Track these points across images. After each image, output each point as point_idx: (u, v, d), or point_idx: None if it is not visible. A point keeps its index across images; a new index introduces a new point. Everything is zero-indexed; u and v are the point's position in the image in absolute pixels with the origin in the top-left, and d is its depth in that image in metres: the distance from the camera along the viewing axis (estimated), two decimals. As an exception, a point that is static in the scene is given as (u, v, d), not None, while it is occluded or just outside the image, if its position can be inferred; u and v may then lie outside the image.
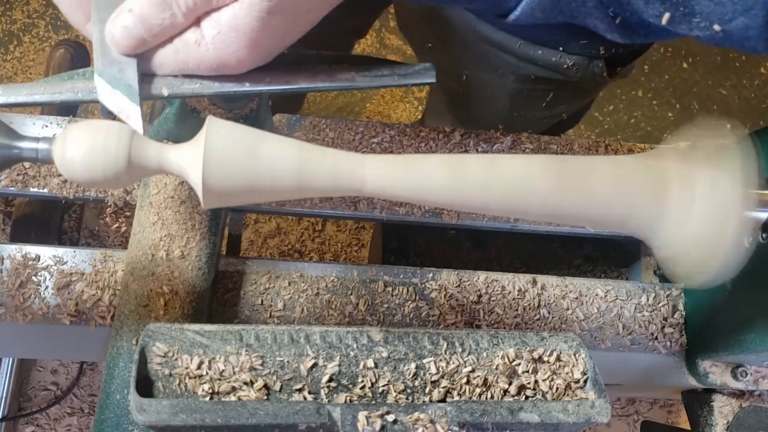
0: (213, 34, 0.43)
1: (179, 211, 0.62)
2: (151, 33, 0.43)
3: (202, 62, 0.45)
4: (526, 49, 0.79)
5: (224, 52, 0.44)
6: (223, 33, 0.43)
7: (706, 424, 0.76)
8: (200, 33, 0.44)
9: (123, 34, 0.44)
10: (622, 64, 0.83)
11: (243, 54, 0.44)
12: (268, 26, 0.43)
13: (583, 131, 1.98)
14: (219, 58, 0.44)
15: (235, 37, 0.43)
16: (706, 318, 0.72)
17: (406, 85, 0.51)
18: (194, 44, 0.44)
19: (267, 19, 0.42)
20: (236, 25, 0.43)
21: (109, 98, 0.46)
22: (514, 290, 0.72)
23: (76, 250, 0.67)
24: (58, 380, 1.38)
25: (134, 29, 0.43)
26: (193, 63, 0.45)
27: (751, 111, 2.07)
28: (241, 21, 0.42)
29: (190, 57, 0.44)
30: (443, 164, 0.44)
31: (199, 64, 0.45)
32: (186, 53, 0.44)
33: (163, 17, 0.43)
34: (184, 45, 0.44)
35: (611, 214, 0.45)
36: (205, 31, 0.43)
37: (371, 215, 0.76)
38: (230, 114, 0.58)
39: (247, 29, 0.43)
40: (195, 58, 0.44)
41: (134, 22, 0.43)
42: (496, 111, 0.93)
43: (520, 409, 0.43)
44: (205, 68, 0.45)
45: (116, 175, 0.43)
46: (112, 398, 0.56)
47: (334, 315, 0.69)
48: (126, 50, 0.45)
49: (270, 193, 0.43)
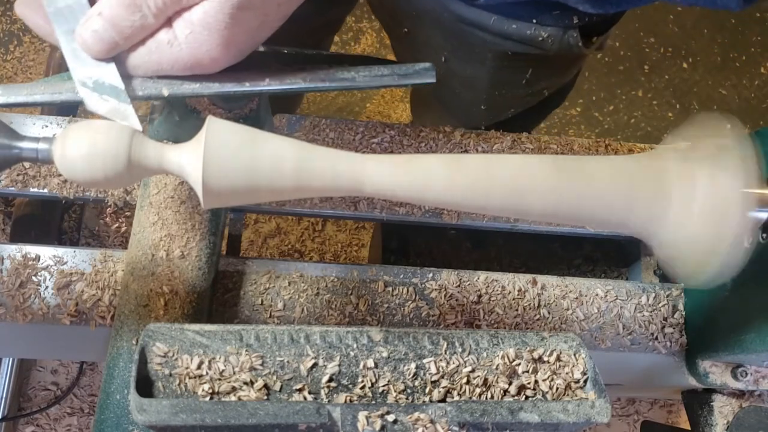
0: (185, 33, 0.43)
1: (179, 211, 0.62)
2: (122, 36, 0.43)
3: (176, 62, 0.45)
4: (500, 24, 0.79)
5: (198, 51, 0.44)
6: (196, 32, 0.43)
7: (706, 424, 0.76)
8: (172, 33, 0.44)
9: (94, 39, 0.44)
10: (597, 33, 0.83)
11: (216, 52, 0.44)
12: (240, 22, 0.43)
13: (584, 131, 1.98)
14: (193, 57, 0.44)
15: (208, 35, 0.43)
16: (706, 318, 0.72)
17: (406, 85, 0.51)
18: (167, 45, 0.44)
19: (238, 15, 0.42)
20: (208, 23, 0.42)
21: (99, 105, 0.45)
22: (514, 290, 0.72)
23: (76, 250, 0.67)
24: (58, 380, 1.38)
25: (105, 33, 0.43)
26: (167, 63, 0.45)
27: (751, 111, 2.07)
28: (212, 18, 0.42)
29: (163, 58, 0.44)
30: (443, 164, 0.44)
31: (173, 65, 0.45)
32: (159, 54, 0.44)
33: (134, 19, 0.43)
34: (157, 46, 0.44)
35: (611, 214, 0.45)
36: (177, 31, 0.43)
37: (371, 215, 0.76)
38: (230, 114, 0.58)
39: (219, 26, 0.43)
40: (169, 59, 0.44)
41: (104, 25, 0.43)
42: (478, 91, 0.93)
43: (520, 409, 0.43)
44: (179, 68, 0.45)
45: (116, 175, 0.43)
46: (112, 398, 0.56)
47: (334, 315, 0.69)
48: (99, 54, 0.45)
49: (270, 193, 0.43)
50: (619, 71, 2.05)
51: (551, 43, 0.80)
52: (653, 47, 2.09)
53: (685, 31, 2.12)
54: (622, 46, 2.08)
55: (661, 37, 2.10)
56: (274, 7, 0.44)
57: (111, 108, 0.45)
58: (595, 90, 2.02)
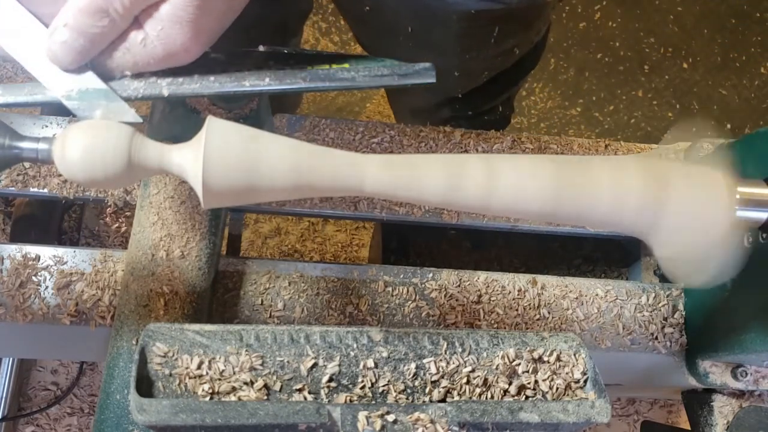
0: (156, 30, 0.43)
1: (179, 211, 0.62)
2: (91, 42, 0.43)
3: (151, 59, 0.45)
4: None
5: (171, 45, 0.44)
6: (166, 27, 0.43)
7: (706, 424, 0.76)
8: (143, 32, 0.44)
9: (64, 50, 0.44)
10: None
11: (189, 43, 0.44)
12: (207, 11, 0.43)
13: (584, 131, 1.98)
14: (166, 51, 0.44)
15: (179, 28, 0.43)
16: (706, 318, 0.72)
17: (406, 84, 0.51)
18: (140, 44, 0.44)
19: (205, 4, 0.43)
20: (178, 17, 0.43)
21: (91, 111, 0.45)
22: (514, 290, 0.72)
23: (76, 250, 0.67)
24: (58, 380, 1.38)
25: (74, 42, 0.43)
26: (142, 62, 0.45)
27: (751, 111, 2.07)
28: (181, 11, 0.43)
29: (138, 57, 0.45)
30: (443, 164, 0.44)
31: (148, 62, 0.45)
32: (133, 54, 0.45)
33: (102, 25, 0.43)
34: (130, 47, 0.44)
35: (610, 215, 0.45)
36: (148, 30, 0.44)
37: (371, 215, 0.76)
38: (230, 114, 0.58)
39: (188, 18, 0.43)
40: (143, 57, 0.45)
41: (72, 35, 0.43)
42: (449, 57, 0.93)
43: (520, 409, 0.43)
44: (155, 64, 0.45)
45: (116, 175, 0.43)
46: (112, 398, 0.56)
47: (334, 315, 0.69)
48: (71, 64, 0.45)
49: (270, 193, 0.43)
50: (619, 71, 2.05)
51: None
52: (653, 47, 2.09)
53: (685, 31, 2.12)
54: (622, 46, 2.08)
55: (661, 37, 2.10)
56: None
57: (104, 110, 0.45)
58: (595, 90, 2.02)
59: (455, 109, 1.09)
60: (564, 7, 2.06)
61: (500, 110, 1.16)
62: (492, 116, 1.15)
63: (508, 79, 1.07)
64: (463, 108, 1.09)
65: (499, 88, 1.08)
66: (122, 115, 0.45)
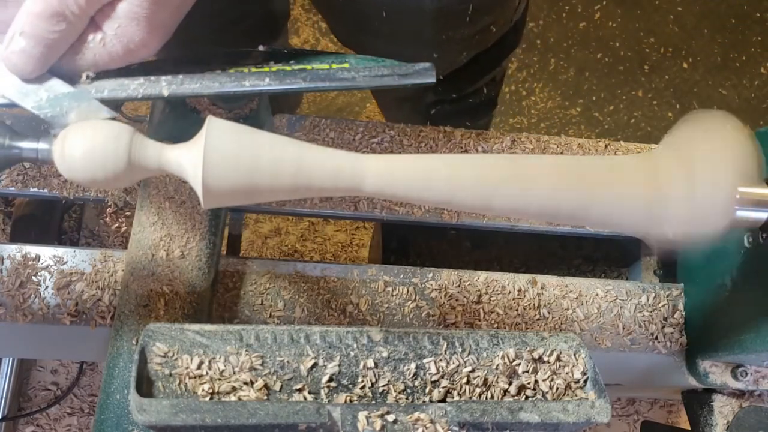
0: (114, 28, 0.44)
1: (179, 211, 0.62)
2: (50, 48, 0.43)
3: (111, 58, 0.45)
4: None
5: (130, 42, 0.44)
6: (123, 25, 0.43)
7: (706, 424, 0.76)
8: (102, 32, 0.44)
9: (23, 58, 0.43)
10: None
11: (147, 38, 0.44)
12: (163, 5, 0.43)
13: (584, 131, 1.98)
14: (126, 49, 0.45)
15: (136, 25, 0.43)
16: (706, 318, 0.72)
17: (406, 84, 0.51)
18: (99, 44, 0.44)
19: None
20: (134, 13, 0.43)
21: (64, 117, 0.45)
22: (514, 290, 0.72)
23: (76, 250, 0.67)
24: (58, 380, 1.38)
25: (33, 50, 0.43)
26: (102, 61, 0.45)
27: (751, 111, 2.07)
28: (137, 8, 0.43)
29: (99, 57, 0.45)
30: (443, 164, 0.44)
31: (109, 61, 0.45)
32: (94, 54, 0.45)
33: (59, 29, 0.42)
34: (89, 48, 0.44)
35: (610, 214, 0.45)
36: (105, 29, 0.44)
37: (371, 215, 0.76)
38: (230, 114, 0.58)
39: (144, 14, 0.43)
40: (103, 57, 0.45)
41: (30, 42, 0.43)
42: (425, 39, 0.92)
43: (520, 409, 0.43)
44: (116, 62, 0.45)
45: (116, 175, 0.43)
46: (112, 398, 0.56)
47: (334, 315, 0.69)
48: (32, 73, 0.44)
49: (270, 193, 0.43)
50: (619, 71, 2.05)
51: None
52: (653, 47, 2.09)
53: (685, 31, 2.12)
54: (622, 46, 2.08)
55: (661, 37, 2.10)
56: None
57: (77, 112, 0.45)
58: (595, 90, 2.02)
59: (438, 93, 1.08)
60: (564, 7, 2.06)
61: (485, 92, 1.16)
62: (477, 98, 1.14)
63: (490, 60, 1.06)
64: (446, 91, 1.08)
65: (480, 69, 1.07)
66: (97, 114, 0.45)
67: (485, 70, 1.09)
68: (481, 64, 1.05)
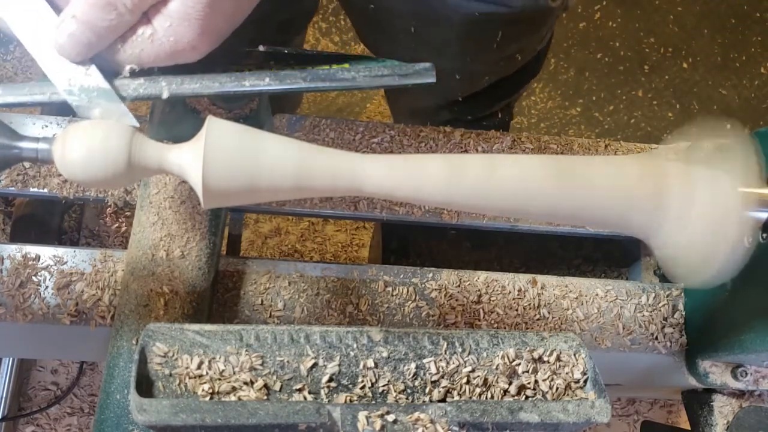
0: (164, 26, 0.43)
1: (179, 211, 0.62)
2: (99, 36, 0.43)
3: (157, 55, 0.44)
4: None
5: (179, 42, 0.44)
6: (175, 24, 0.43)
7: (706, 424, 0.76)
8: (152, 28, 0.43)
9: (71, 42, 0.43)
10: None
11: (197, 41, 0.44)
12: (217, 10, 0.43)
13: (584, 131, 1.98)
14: (174, 48, 0.44)
15: (188, 26, 0.43)
16: (706, 318, 0.72)
17: (406, 85, 0.51)
18: (147, 39, 0.44)
19: (216, 3, 0.42)
20: (187, 14, 0.42)
21: (89, 109, 0.45)
22: (514, 290, 0.72)
23: (76, 250, 0.67)
24: (58, 380, 1.38)
25: (81, 35, 0.43)
26: (147, 57, 0.45)
27: (751, 111, 2.07)
28: (191, 9, 0.42)
29: (144, 53, 0.44)
30: (443, 164, 0.44)
31: (154, 58, 0.45)
32: (141, 49, 0.44)
33: (110, 18, 0.42)
34: (137, 42, 0.44)
35: (610, 214, 0.45)
36: (156, 26, 0.43)
37: (371, 215, 0.76)
38: (230, 114, 0.58)
39: (197, 16, 0.42)
40: (150, 53, 0.44)
41: (80, 27, 0.43)
42: (451, 60, 0.92)
43: (520, 409, 0.43)
44: (161, 60, 0.45)
45: (116, 175, 0.43)
46: (112, 398, 0.56)
47: (334, 315, 0.69)
48: (77, 57, 0.44)
49: (270, 193, 0.43)
50: (619, 71, 2.05)
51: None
52: (653, 47, 2.09)
53: (685, 31, 2.12)
54: (622, 46, 2.08)
55: (661, 37, 2.10)
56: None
57: (103, 110, 0.45)
58: (595, 90, 2.02)
59: (454, 113, 1.08)
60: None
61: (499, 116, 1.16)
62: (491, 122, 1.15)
63: (510, 86, 1.07)
64: (462, 112, 1.08)
65: (500, 94, 1.08)
66: (120, 118, 0.45)
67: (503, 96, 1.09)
68: (500, 89, 1.05)
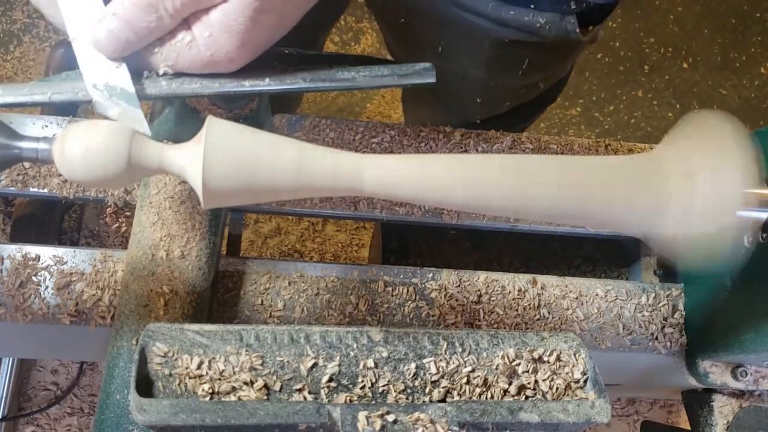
0: (204, 35, 0.43)
1: (179, 211, 0.62)
2: (137, 36, 0.43)
3: (193, 62, 0.45)
4: (498, 10, 0.79)
5: (217, 52, 0.44)
6: (215, 34, 0.43)
7: (706, 424, 0.76)
8: (191, 34, 0.43)
9: (109, 38, 0.43)
10: (593, 22, 0.83)
11: (235, 53, 0.44)
12: (260, 24, 0.43)
13: (584, 131, 1.98)
14: (211, 58, 0.44)
15: (228, 37, 0.43)
16: (706, 318, 0.72)
17: (406, 85, 0.51)
18: (185, 45, 0.44)
19: (258, 17, 0.42)
20: (228, 26, 0.42)
21: (108, 107, 0.45)
22: (514, 290, 0.72)
23: (76, 250, 0.67)
24: (58, 380, 1.38)
25: (120, 33, 0.43)
26: (183, 63, 0.45)
27: (751, 111, 2.07)
28: (232, 21, 0.42)
29: (180, 58, 0.44)
30: (442, 164, 0.44)
31: (190, 65, 0.45)
32: (177, 54, 0.44)
33: (150, 20, 0.42)
34: (174, 47, 0.44)
35: (611, 214, 0.45)
36: (195, 33, 0.43)
37: (371, 215, 0.76)
38: (230, 114, 0.58)
39: (238, 29, 0.42)
40: (186, 59, 0.44)
41: (120, 25, 0.43)
42: (474, 83, 0.93)
43: (520, 409, 0.43)
44: (197, 68, 0.45)
45: (116, 175, 0.43)
46: (112, 398, 0.56)
47: (334, 315, 0.68)
48: (113, 54, 0.44)
49: (270, 193, 0.43)
50: (619, 71, 2.05)
51: (549, 30, 0.79)
52: (653, 47, 2.09)
53: (685, 31, 2.12)
54: (622, 46, 2.08)
55: (661, 37, 2.10)
56: (292, 8, 0.44)
57: (121, 111, 0.45)
58: (596, 90, 2.02)
59: None
60: (564, 7, 2.06)
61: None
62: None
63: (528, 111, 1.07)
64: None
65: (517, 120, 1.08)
66: (135, 123, 0.45)
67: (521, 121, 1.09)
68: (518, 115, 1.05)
